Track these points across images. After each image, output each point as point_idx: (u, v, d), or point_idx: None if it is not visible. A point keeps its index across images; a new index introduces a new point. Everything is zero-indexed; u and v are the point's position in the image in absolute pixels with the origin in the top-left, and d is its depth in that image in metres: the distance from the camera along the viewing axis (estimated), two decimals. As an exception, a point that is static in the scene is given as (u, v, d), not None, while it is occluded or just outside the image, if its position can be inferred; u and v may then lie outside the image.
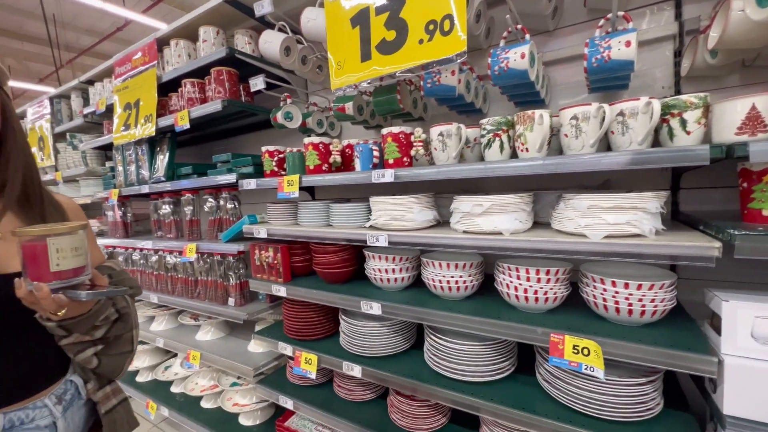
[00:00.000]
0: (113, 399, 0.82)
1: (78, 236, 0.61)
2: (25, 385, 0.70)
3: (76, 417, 0.76)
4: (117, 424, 0.79)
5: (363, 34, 1.14)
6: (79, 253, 0.61)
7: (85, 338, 0.70)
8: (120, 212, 2.21)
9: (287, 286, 1.45)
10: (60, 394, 0.74)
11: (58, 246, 0.59)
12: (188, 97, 1.66)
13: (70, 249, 0.60)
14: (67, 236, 0.59)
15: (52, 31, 8.19)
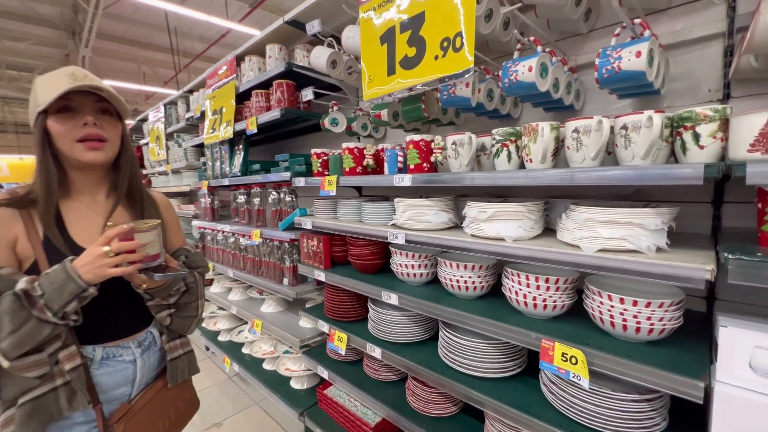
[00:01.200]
0: (180, 350, 1.05)
1: (153, 233, 0.83)
2: (121, 330, 0.94)
3: (151, 359, 1.00)
4: (178, 368, 1.03)
5: (389, 51, 1.27)
6: (154, 245, 0.84)
7: (163, 303, 0.94)
8: (209, 200, 2.72)
9: (326, 273, 1.69)
10: (141, 340, 0.98)
11: (143, 238, 0.81)
12: (256, 106, 1.99)
13: (151, 241, 0.83)
14: (145, 233, 0.81)
15: (173, 40, 9.84)
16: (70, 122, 0.83)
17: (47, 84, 0.83)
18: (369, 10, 1.32)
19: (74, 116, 0.84)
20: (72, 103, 0.83)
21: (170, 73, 11.84)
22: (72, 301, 0.74)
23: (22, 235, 0.81)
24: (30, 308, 0.72)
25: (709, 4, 1.03)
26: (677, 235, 1.07)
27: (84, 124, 0.84)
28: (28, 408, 0.76)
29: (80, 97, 0.84)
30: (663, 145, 0.90)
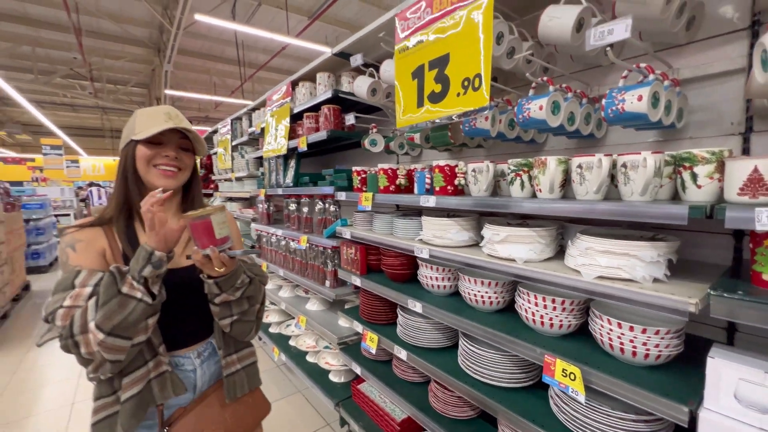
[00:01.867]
0: (237, 365, 1.08)
1: (224, 213, 0.90)
2: (184, 339, 1.02)
3: (210, 369, 1.07)
4: (236, 384, 1.06)
5: (419, 86, 1.44)
6: (226, 226, 0.90)
7: (230, 298, 0.96)
8: (266, 206, 3.08)
9: (362, 279, 1.90)
10: (201, 351, 1.05)
11: (217, 220, 0.86)
12: (307, 126, 2.26)
13: (222, 222, 0.88)
14: (219, 213, 0.88)
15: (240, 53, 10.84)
16: (154, 150, 0.96)
17: (147, 118, 0.97)
18: (402, 50, 1.50)
19: (160, 148, 0.97)
20: (162, 138, 0.97)
21: (237, 83, 13.02)
22: (146, 266, 0.82)
23: (107, 249, 0.93)
24: (121, 284, 0.80)
25: (729, 40, 1.05)
26: (692, 265, 1.10)
27: (166, 155, 0.97)
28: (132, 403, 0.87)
29: (169, 133, 0.98)
30: (666, 182, 0.96)
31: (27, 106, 10.58)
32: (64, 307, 0.81)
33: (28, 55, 10.39)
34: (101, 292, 0.80)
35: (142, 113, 0.99)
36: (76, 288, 0.83)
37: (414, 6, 1.44)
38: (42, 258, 6.18)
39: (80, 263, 0.88)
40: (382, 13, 4.98)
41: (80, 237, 0.92)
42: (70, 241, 0.91)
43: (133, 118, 1.00)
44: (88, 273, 0.86)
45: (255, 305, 1.06)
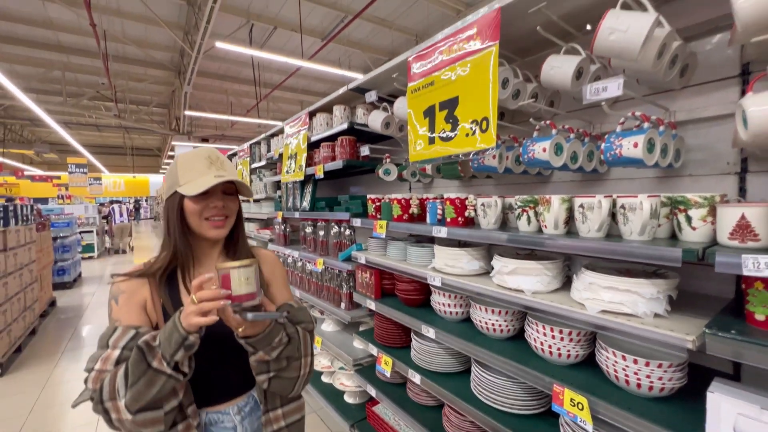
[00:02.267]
0: (281, 421, 1.00)
1: (249, 269, 0.81)
2: (223, 393, 0.97)
3: (252, 426, 1.00)
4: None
5: (431, 124, 1.55)
6: (250, 282, 0.80)
7: (266, 357, 0.88)
8: (282, 227, 3.21)
9: (377, 302, 1.98)
10: (242, 406, 0.99)
11: (237, 274, 0.79)
12: (324, 155, 2.40)
13: (246, 278, 0.80)
14: (242, 268, 0.80)
15: (256, 74, 11.28)
16: (202, 203, 0.94)
17: (189, 166, 0.95)
18: (415, 90, 1.62)
19: (207, 198, 0.94)
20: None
21: (252, 102, 13.49)
22: (179, 350, 0.77)
23: (149, 299, 0.92)
24: (150, 360, 0.77)
25: (722, 86, 1.13)
26: (695, 298, 1.15)
27: (214, 206, 0.95)
28: None
29: None
30: (664, 221, 1.03)
31: (55, 127, 11.17)
32: (95, 370, 0.81)
33: (59, 80, 11.04)
34: (130, 369, 0.77)
35: (184, 160, 0.97)
36: (108, 348, 0.83)
37: (426, 51, 1.57)
38: (67, 274, 6.45)
39: (119, 317, 0.88)
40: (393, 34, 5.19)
41: (124, 288, 0.92)
42: (115, 292, 0.92)
43: (174, 166, 0.98)
44: (121, 331, 0.85)
45: (296, 362, 0.95)
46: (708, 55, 1.16)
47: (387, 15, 9.33)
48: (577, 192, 1.53)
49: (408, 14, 9.34)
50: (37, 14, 8.83)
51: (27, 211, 4.31)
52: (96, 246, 9.65)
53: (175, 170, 0.97)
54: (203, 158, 0.97)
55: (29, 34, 9.57)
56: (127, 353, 0.82)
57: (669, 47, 1.03)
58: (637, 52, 0.95)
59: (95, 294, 6.33)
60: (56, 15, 8.91)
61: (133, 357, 0.78)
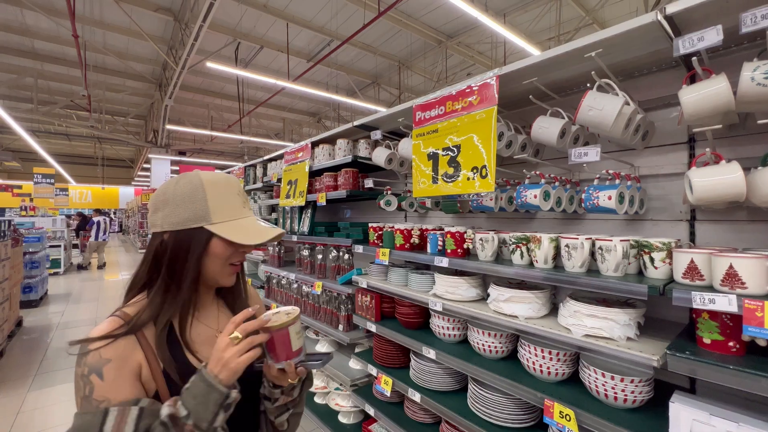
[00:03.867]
0: None
1: (299, 323, 0.81)
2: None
3: None
4: None
5: (434, 166, 1.76)
6: (301, 335, 0.81)
7: (287, 399, 0.86)
8: (277, 249, 3.30)
9: (377, 325, 2.12)
10: None
11: (294, 330, 0.78)
12: (326, 184, 2.56)
13: (298, 332, 0.80)
14: (297, 324, 0.80)
15: (240, 90, 11.35)
16: (234, 247, 0.82)
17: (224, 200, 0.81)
18: (420, 135, 1.83)
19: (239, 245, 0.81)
20: None
21: (234, 117, 13.51)
22: (219, 413, 0.69)
23: (144, 365, 0.74)
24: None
25: (675, 149, 1.40)
26: (659, 323, 1.38)
27: (243, 251, 0.85)
28: None
29: None
30: (633, 260, 1.26)
31: (23, 135, 10.70)
32: None
33: (30, 86, 10.68)
34: None
35: (214, 190, 0.81)
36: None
37: (430, 102, 1.79)
38: (34, 292, 6.15)
39: (107, 396, 0.68)
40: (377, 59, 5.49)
41: (110, 355, 0.71)
42: (94, 364, 0.69)
43: (197, 191, 0.80)
44: (119, 414, 0.66)
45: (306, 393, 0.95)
46: (664, 124, 1.43)
47: (372, 41, 9.75)
48: (559, 229, 1.76)
49: (392, 42, 9.80)
50: (13, 20, 8.62)
51: (4, 226, 4.17)
52: (63, 261, 9.20)
53: (203, 198, 0.80)
54: (236, 194, 0.85)
55: (3, 39, 9.29)
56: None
57: (634, 119, 1.29)
58: (611, 125, 1.19)
59: (63, 313, 6.05)
60: (33, 22, 8.74)
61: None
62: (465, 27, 9.06)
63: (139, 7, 8.03)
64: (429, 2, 8.10)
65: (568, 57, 1.28)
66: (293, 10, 8.46)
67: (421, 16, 8.78)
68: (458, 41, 9.51)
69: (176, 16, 8.46)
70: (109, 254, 13.93)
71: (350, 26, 8.45)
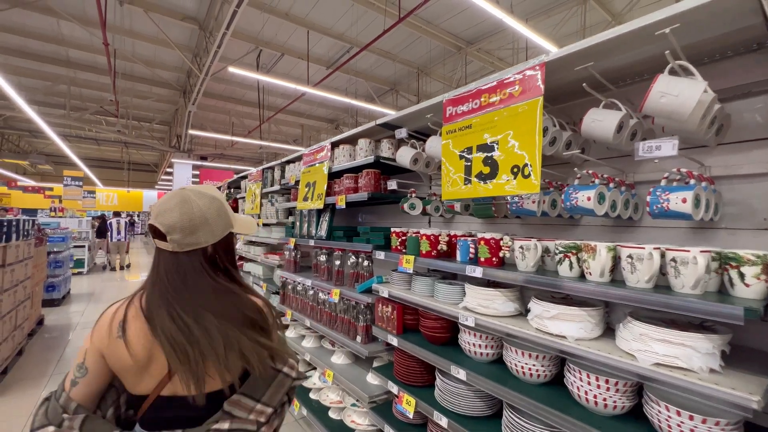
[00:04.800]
0: None
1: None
2: None
3: None
4: None
5: (467, 165, 1.58)
6: None
7: None
8: (293, 254, 3.17)
9: (399, 338, 1.94)
10: None
11: None
12: (346, 186, 2.41)
13: None
14: None
15: (260, 97, 11.47)
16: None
17: (229, 208, 1.02)
18: (451, 131, 1.66)
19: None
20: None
21: (254, 123, 13.65)
22: None
23: None
24: None
25: (757, 145, 1.19)
26: (747, 352, 1.15)
27: None
28: None
29: None
30: (713, 276, 1.05)
31: (56, 140, 11.09)
32: None
33: (63, 93, 11.06)
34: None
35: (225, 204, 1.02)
36: None
37: (462, 95, 1.62)
38: (56, 291, 6.21)
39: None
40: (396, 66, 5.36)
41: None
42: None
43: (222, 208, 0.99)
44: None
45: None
46: (742, 116, 1.22)
47: (391, 48, 9.69)
48: (608, 237, 1.55)
49: (411, 48, 9.72)
50: (50, 31, 8.96)
51: (28, 225, 4.19)
52: (86, 261, 9.37)
53: (226, 213, 1.00)
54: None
55: (40, 49, 9.67)
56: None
57: (711, 110, 1.09)
58: (688, 114, 1.00)
59: (84, 313, 6.08)
60: (68, 32, 9.05)
61: None
62: (486, 33, 8.90)
63: (167, 17, 8.21)
64: (450, 8, 7.98)
65: (634, 36, 1.09)
66: (314, 17, 8.49)
67: (441, 23, 8.67)
68: (478, 47, 9.35)
69: (201, 24, 8.61)
70: (132, 256, 14.20)
71: (370, 33, 8.41)
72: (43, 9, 7.93)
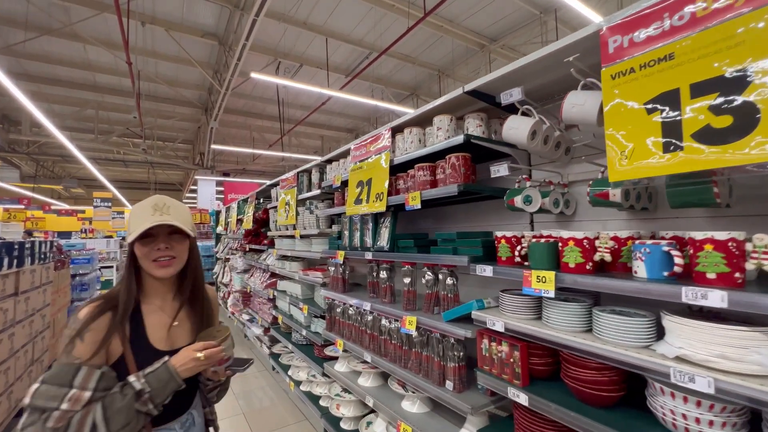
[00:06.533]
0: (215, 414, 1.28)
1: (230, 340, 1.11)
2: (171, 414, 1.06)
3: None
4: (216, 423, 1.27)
5: (668, 121, 0.92)
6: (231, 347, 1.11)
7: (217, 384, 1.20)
8: (341, 270, 2.54)
9: (529, 394, 1.27)
10: (183, 421, 1.10)
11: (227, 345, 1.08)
12: (420, 180, 1.78)
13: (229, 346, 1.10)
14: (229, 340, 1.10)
15: (280, 109, 11.10)
16: (148, 247, 1.02)
17: (136, 216, 1.02)
18: (621, 73, 1.01)
19: (152, 241, 1.03)
20: (151, 231, 1.01)
21: (274, 137, 13.32)
22: (170, 395, 0.97)
23: (114, 336, 0.97)
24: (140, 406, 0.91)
25: None
26: None
27: (158, 248, 1.03)
28: None
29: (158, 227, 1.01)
30: None
31: (86, 164, 10.97)
32: (60, 409, 0.83)
33: (92, 118, 10.97)
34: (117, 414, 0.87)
35: (133, 212, 1.06)
36: (74, 389, 0.86)
37: (639, 13, 0.98)
38: (83, 315, 5.76)
39: (81, 355, 0.91)
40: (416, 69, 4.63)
41: (93, 326, 0.94)
42: (80, 327, 0.93)
43: (130, 216, 1.06)
44: (87, 372, 0.89)
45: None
46: None
47: (411, 51, 9.17)
48: None
49: (432, 50, 9.18)
50: (77, 57, 8.84)
51: (45, 247, 3.72)
52: (114, 282, 9.02)
53: (130, 221, 1.05)
54: (149, 207, 1.04)
55: (69, 75, 9.60)
56: (98, 395, 0.89)
57: None
58: None
59: (111, 337, 5.61)
60: (95, 57, 8.91)
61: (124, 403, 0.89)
62: (511, 27, 8.28)
63: (188, 35, 7.94)
64: (472, 5, 7.41)
65: None
66: (332, 24, 8.07)
67: (463, 20, 8.11)
68: (502, 44, 8.72)
69: (221, 40, 8.32)
70: (160, 273, 13.91)
71: (389, 37, 7.94)
72: (71, 35, 7.79)
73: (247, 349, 4.85)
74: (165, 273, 1.05)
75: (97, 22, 7.47)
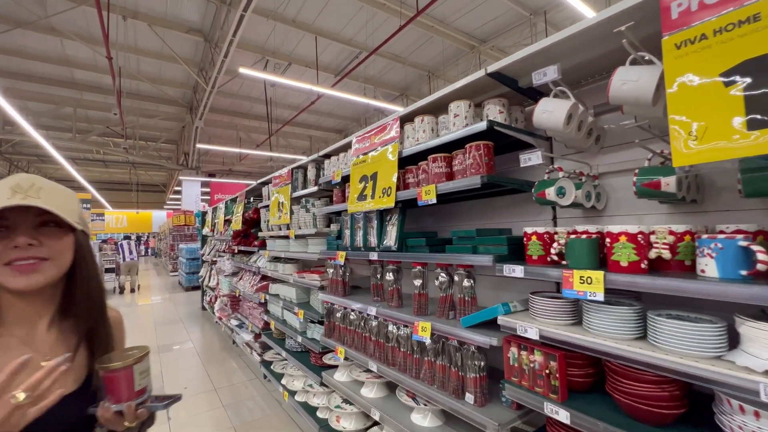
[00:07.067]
0: None
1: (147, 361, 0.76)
2: None
3: None
4: None
5: (752, 95, 0.77)
6: (147, 374, 0.76)
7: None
8: (341, 271, 2.34)
9: (571, 411, 1.10)
10: None
11: (140, 369, 0.73)
12: (435, 172, 1.60)
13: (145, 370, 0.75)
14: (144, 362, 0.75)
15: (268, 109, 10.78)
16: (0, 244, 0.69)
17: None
18: (686, 42, 0.86)
19: (7, 235, 0.70)
20: (6, 222, 0.69)
21: (261, 137, 12.95)
22: None
23: None
24: None
25: None
26: None
27: (15, 246, 0.69)
28: None
29: (17, 213, 0.70)
30: None
31: (64, 164, 10.38)
32: None
33: (69, 116, 10.40)
34: None
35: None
36: None
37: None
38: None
39: None
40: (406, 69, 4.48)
41: None
42: None
43: None
44: None
45: None
46: None
47: (402, 51, 9.05)
48: None
49: (422, 51, 9.08)
50: (54, 52, 8.35)
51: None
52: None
53: None
54: (7, 188, 0.69)
55: (45, 71, 9.05)
56: None
57: None
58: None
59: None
60: (73, 52, 8.43)
61: None
62: (501, 29, 8.25)
63: (171, 30, 7.58)
64: (463, 5, 7.33)
65: None
66: (322, 23, 7.86)
67: (454, 21, 8.03)
68: (492, 45, 8.69)
69: (206, 36, 7.98)
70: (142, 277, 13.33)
71: (379, 37, 7.80)
72: (46, 29, 7.32)
73: (236, 356, 4.57)
74: (27, 282, 0.70)
75: (75, 15, 7.04)
